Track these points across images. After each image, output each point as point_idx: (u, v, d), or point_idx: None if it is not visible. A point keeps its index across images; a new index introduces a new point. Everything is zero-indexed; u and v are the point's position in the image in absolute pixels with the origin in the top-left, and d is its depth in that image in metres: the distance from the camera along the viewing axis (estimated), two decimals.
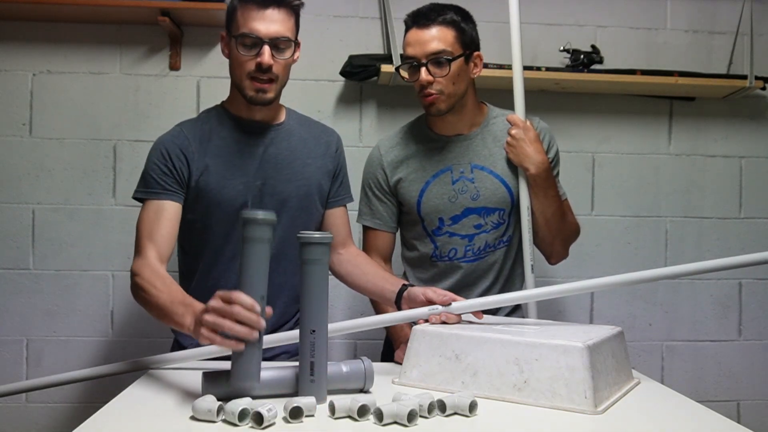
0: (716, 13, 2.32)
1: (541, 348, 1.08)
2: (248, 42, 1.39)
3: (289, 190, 1.48)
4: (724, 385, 2.35)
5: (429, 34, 1.51)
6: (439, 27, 1.51)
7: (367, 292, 1.54)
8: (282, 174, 1.48)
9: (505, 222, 1.63)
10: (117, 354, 2.16)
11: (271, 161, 1.48)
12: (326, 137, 1.59)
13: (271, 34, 1.38)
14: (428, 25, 1.51)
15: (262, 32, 1.37)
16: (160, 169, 1.41)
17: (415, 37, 1.52)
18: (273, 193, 1.47)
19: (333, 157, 1.58)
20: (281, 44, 1.40)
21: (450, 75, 1.51)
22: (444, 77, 1.50)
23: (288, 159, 1.49)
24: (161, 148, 1.44)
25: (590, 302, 2.33)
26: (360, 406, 0.97)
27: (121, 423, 0.98)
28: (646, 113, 2.33)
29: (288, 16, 1.41)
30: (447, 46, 1.51)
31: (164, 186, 1.41)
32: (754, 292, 2.36)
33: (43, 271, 2.17)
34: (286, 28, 1.40)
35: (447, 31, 1.52)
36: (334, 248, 1.56)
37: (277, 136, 1.50)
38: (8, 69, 2.16)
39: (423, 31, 1.51)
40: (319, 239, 1.05)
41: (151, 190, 1.41)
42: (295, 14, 1.44)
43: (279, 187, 1.47)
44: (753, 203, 2.35)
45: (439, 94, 1.52)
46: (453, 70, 1.51)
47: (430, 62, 1.50)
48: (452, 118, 1.60)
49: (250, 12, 1.38)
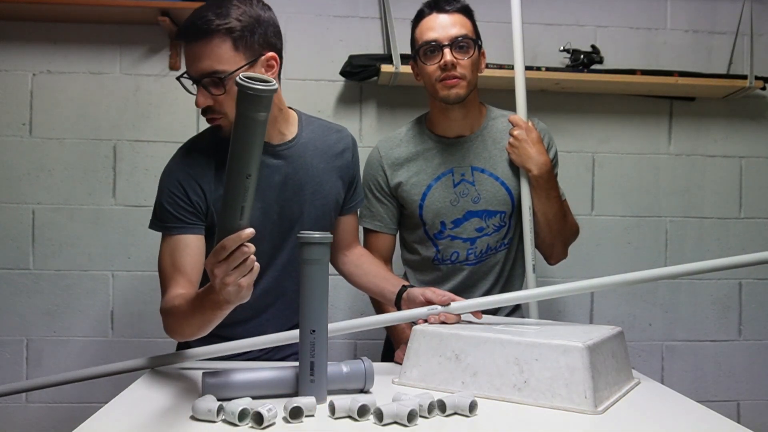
0: (716, 13, 2.32)
1: (541, 348, 1.08)
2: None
3: (307, 211, 1.41)
4: (724, 385, 2.35)
5: (452, 19, 1.52)
6: (459, 14, 1.53)
7: (369, 291, 1.54)
8: (297, 196, 1.40)
9: (507, 224, 1.63)
10: (117, 354, 2.16)
11: (288, 183, 1.39)
12: (341, 144, 1.49)
13: (198, 72, 1.25)
14: (449, 11, 1.53)
15: (190, 72, 1.27)
16: (176, 203, 1.30)
17: (436, 22, 1.53)
18: (289, 215, 1.40)
19: (349, 166, 1.50)
20: (214, 80, 1.25)
21: (472, 59, 1.52)
22: (468, 59, 1.51)
23: (303, 179, 1.40)
24: (173, 179, 1.32)
25: (590, 302, 2.33)
26: (360, 406, 0.97)
27: (121, 423, 0.98)
28: (646, 113, 2.33)
29: (215, 46, 1.23)
30: (469, 32, 1.53)
31: (183, 220, 1.30)
32: (754, 292, 2.36)
33: (43, 271, 2.17)
34: (213, 61, 1.24)
35: (465, 18, 1.54)
36: (340, 250, 1.56)
37: (291, 155, 1.40)
38: (8, 69, 2.16)
39: (445, 15, 1.53)
40: (319, 239, 1.05)
41: (168, 225, 1.31)
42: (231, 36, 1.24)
43: (294, 208, 1.40)
44: (753, 203, 2.35)
45: (462, 78, 1.52)
46: (474, 56, 1.52)
47: (453, 45, 1.51)
48: (457, 114, 1.59)
49: (183, 50, 1.27)
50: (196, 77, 1.26)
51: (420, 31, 1.55)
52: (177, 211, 1.30)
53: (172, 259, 1.29)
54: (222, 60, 1.24)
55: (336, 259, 1.58)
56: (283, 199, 1.39)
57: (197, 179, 1.32)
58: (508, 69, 2.04)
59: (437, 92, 1.54)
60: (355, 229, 1.60)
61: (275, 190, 1.38)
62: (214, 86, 1.26)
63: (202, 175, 1.32)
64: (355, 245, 1.59)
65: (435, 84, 1.53)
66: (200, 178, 1.32)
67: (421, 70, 1.57)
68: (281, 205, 1.39)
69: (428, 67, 1.53)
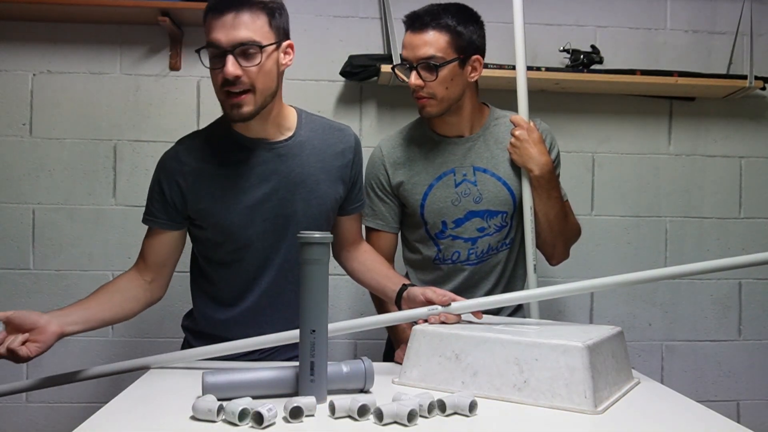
0: (716, 13, 2.32)
1: (541, 348, 1.08)
2: (213, 53, 1.28)
3: (303, 210, 1.41)
4: (724, 385, 2.35)
5: (421, 39, 1.49)
6: (433, 31, 1.49)
7: (371, 288, 1.54)
8: (292, 194, 1.39)
9: (508, 224, 1.63)
10: (117, 354, 2.17)
11: (281, 181, 1.39)
12: (343, 144, 1.47)
13: (233, 41, 1.25)
14: (421, 29, 1.50)
15: (223, 41, 1.26)
16: (156, 199, 1.40)
17: (408, 41, 1.52)
18: (284, 214, 1.40)
19: (350, 166, 1.48)
20: (249, 50, 1.27)
21: (439, 80, 1.49)
22: (433, 81, 1.49)
23: (300, 176, 1.40)
24: (158, 177, 1.40)
25: (590, 302, 2.33)
26: (360, 406, 0.97)
27: (121, 423, 0.98)
28: (646, 113, 2.33)
29: (252, 19, 1.26)
30: (437, 52, 1.48)
31: (160, 217, 1.40)
32: (754, 292, 2.36)
33: (43, 271, 2.17)
34: (251, 32, 1.26)
35: (440, 35, 1.49)
36: (344, 247, 1.56)
37: (286, 152, 1.40)
38: (8, 69, 2.16)
39: (416, 35, 1.50)
40: (319, 239, 1.05)
41: (149, 218, 1.41)
42: (266, 13, 1.29)
43: (288, 206, 1.40)
44: (753, 203, 2.35)
45: (430, 97, 1.52)
46: (442, 75, 1.49)
47: (420, 66, 1.49)
48: (451, 119, 1.60)
49: (210, 21, 1.27)
50: (230, 47, 1.26)
51: (401, 45, 1.56)
52: (155, 206, 1.40)
53: (143, 245, 1.43)
54: (259, 32, 1.27)
55: (340, 256, 1.58)
56: (278, 198, 1.39)
57: (175, 176, 1.38)
58: (508, 69, 2.05)
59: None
60: (360, 227, 1.60)
61: (270, 188, 1.39)
62: (248, 57, 1.27)
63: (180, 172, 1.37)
64: (360, 242, 1.59)
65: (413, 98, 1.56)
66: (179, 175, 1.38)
67: None
68: (275, 203, 1.39)
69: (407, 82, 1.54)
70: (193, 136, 1.45)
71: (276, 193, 1.39)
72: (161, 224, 1.40)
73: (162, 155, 1.42)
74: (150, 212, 1.41)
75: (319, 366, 1.05)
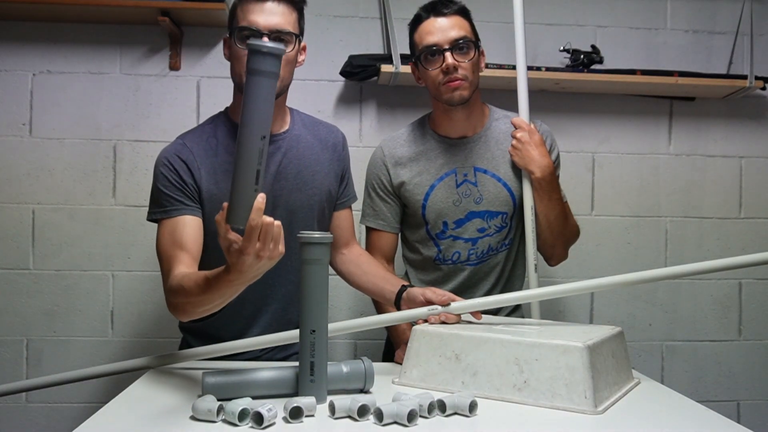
0: (716, 13, 2.32)
1: (541, 348, 1.08)
2: (247, 34, 1.32)
3: (300, 200, 1.44)
4: (724, 385, 2.35)
5: (450, 22, 1.53)
6: (457, 16, 1.54)
7: (368, 292, 1.54)
8: (291, 184, 1.43)
9: (508, 225, 1.63)
10: (117, 354, 2.17)
11: (281, 173, 1.42)
12: (332, 139, 1.54)
13: (271, 26, 1.33)
14: (447, 13, 1.53)
15: (260, 24, 1.32)
16: (171, 184, 1.35)
17: (435, 25, 1.53)
18: (283, 205, 1.42)
19: (340, 159, 1.54)
20: (283, 37, 1.34)
21: (473, 61, 1.53)
22: (469, 61, 1.52)
23: (297, 168, 1.45)
24: (166, 163, 1.36)
25: (590, 302, 2.33)
26: (360, 406, 0.97)
27: (121, 423, 0.98)
28: (646, 113, 2.33)
29: (289, 11, 1.36)
30: (467, 33, 1.53)
31: (179, 200, 1.34)
32: (754, 292, 2.36)
33: (43, 271, 2.17)
34: (286, 22, 1.35)
35: (463, 20, 1.55)
36: (337, 248, 1.57)
37: (284, 145, 1.44)
38: (8, 69, 2.16)
39: (443, 18, 1.53)
40: (319, 239, 1.05)
41: (167, 208, 1.33)
42: (297, 11, 1.39)
43: (289, 198, 1.43)
44: (753, 203, 2.35)
45: (464, 79, 1.53)
46: (473, 57, 1.53)
47: (454, 48, 1.51)
48: (460, 115, 1.59)
49: (249, 5, 1.34)
50: (266, 30, 1.32)
51: (419, 36, 1.56)
52: (173, 192, 1.35)
53: (173, 238, 1.30)
54: (290, 24, 1.36)
55: (334, 259, 1.58)
56: (279, 188, 1.42)
57: (188, 163, 1.37)
58: (508, 69, 2.05)
59: (441, 95, 1.55)
60: (352, 227, 1.60)
61: (270, 180, 1.41)
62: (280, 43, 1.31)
63: (192, 159, 1.37)
64: (352, 244, 1.60)
65: (439, 87, 1.54)
66: (190, 161, 1.37)
67: (423, 75, 1.58)
68: (276, 195, 1.41)
69: (431, 71, 1.54)
70: (193, 130, 1.47)
71: (277, 184, 1.41)
72: (191, 210, 1.34)
73: (162, 151, 1.40)
74: (174, 201, 1.34)
75: (319, 366, 1.05)
